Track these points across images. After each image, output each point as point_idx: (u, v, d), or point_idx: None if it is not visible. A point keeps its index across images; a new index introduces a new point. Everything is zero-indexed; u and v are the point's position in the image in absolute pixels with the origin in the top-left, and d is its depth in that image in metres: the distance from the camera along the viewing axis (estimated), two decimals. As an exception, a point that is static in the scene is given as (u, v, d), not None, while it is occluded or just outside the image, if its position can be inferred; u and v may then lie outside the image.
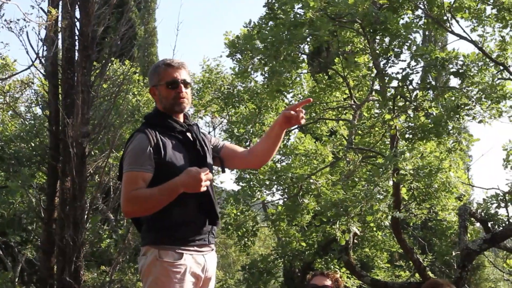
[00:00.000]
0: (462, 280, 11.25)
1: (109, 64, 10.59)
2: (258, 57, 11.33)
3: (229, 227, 12.24)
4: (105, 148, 10.85)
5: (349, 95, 12.75)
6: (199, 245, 3.50)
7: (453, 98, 10.54)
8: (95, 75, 9.66)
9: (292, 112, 3.54)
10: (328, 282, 4.47)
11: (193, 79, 15.86)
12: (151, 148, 3.41)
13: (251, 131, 13.74)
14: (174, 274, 3.38)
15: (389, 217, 11.14)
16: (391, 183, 11.15)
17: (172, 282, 3.37)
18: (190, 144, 3.55)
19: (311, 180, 11.91)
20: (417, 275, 12.67)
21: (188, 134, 3.58)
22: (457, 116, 10.51)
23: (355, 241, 12.15)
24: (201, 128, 3.84)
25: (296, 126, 12.83)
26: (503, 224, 11.61)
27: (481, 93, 10.60)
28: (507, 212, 12.25)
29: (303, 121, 3.58)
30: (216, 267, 3.72)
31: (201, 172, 3.31)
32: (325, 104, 13.02)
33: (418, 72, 10.67)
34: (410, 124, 11.20)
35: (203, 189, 3.34)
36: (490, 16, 11.32)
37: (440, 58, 10.48)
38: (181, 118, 3.64)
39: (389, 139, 11.97)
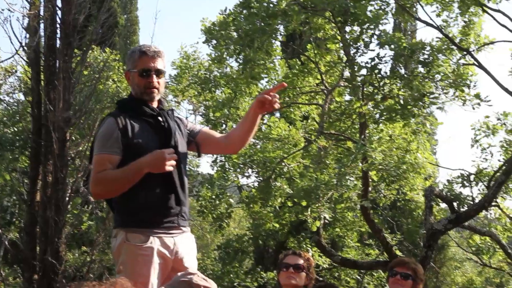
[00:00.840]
0: (428, 259, 11.80)
1: (90, 52, 10.84)
2: (233, 46, 11.65)
3: (204, 210, 12.56)
4: (86, 133, 11.14)
5: (321, 80, 13.09)
6: (167, 227, 3.54)
7: (419, 84, 10.96)
8: (76, 62, 9.94)
9: (266, 97, 3.56)
10: (300, 261, 4.52)
11: (170, 65, 16.09)
12: (119, 131, 3.48)
13: (227, 115, 14.02)
14: (140, 257, 3.44)
15: (358, 206, 11.60)
16: (360, 165, 11.57)
17: (138, 264, 3.44)
18: (160, 127, 3.60)
19: (283, 164, 12.32)
20: (385, 253, 13.14)
21: (160, 118, 3.62)
22: (422, 103, 10.99)
23: (326, 221, 12.59)
24: (177, 113, 3.89)
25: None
26: (468, 205, 12.17)
27: (446, 82, 11.06)
28: (471, 192, 12.84)
29: (277, 106, 3.59)
30: (193, 248, 3.75)
31: (166, 152, 3.40)
32: (298, 89, 13.35)
33: (386, 62, 11.08)
34: (379, 105, 11.63)
35: (169, 169, 3.41)
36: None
37: (408, 47, 10.92)
38: (155, 103, 3.68)
39: (359, 124, 12.38)
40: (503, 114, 12.75)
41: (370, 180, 12.06)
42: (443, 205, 13.64)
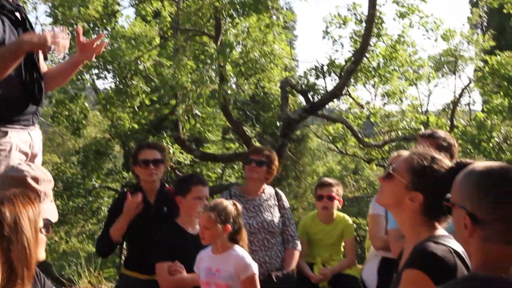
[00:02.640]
0: (284, 147, 12.21)
1: None
2: None
3: (59, 115, 12.10)
4: None
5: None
6: (24, 124, 3.48)
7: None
8: None
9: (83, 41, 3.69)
10: (159, 155, 4.33)
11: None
12: None
13: (77, 15, 13.26)
14: None
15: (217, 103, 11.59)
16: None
17: None
18: (20, 23, 3.47)
19: (139, 63, 12.00)
20: (245, 146, 13.39)
21: (17, 14, 3.48)
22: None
23: (186, 117, 12.50)
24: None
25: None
26: (321, 94, 12.62)
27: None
28: (325, 82, 13.32)
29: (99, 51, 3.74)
30: (41, 146, 3.69)
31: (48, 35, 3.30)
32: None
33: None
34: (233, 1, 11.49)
35: (52, 46, 3.31)
36: None
37: None
38: None
39: (214, 19, 12.19)
40: (353, 5, 13.10)
41: (227, 75, 12.04)
42: (300, 97, 14.02)
